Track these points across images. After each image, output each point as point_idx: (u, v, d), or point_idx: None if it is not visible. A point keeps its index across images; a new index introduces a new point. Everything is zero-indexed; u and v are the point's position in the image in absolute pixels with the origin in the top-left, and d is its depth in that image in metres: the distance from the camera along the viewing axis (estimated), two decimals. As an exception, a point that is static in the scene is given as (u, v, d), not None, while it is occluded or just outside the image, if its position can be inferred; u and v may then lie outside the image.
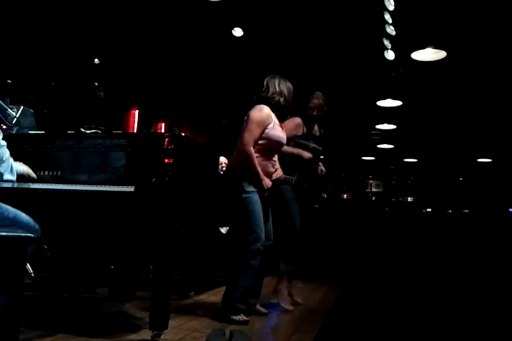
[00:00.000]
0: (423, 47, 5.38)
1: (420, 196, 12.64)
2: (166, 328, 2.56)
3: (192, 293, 4.12)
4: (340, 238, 8.55)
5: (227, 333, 2.67)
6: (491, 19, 4.96)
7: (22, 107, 2.92)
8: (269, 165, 3.36)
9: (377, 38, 5.38)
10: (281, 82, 3.44)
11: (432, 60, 5.57)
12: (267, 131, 3.28)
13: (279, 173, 3.54)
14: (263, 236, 3.20)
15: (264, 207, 3.32)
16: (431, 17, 5.03)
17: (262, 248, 3.19)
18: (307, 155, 3.86)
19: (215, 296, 4.18)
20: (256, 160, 3.24)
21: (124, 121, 7.56)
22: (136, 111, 7.59)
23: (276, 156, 3.45)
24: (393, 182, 13.06)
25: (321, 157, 4.37)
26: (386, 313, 3.89)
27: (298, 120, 3.97)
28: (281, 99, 3.37)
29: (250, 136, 3.24)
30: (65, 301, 3.12)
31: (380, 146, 10.43)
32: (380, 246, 8.31)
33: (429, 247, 8.33)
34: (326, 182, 12.61)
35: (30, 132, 2.83)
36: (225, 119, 7.99)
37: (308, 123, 4.01)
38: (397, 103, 6.96)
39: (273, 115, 3.35)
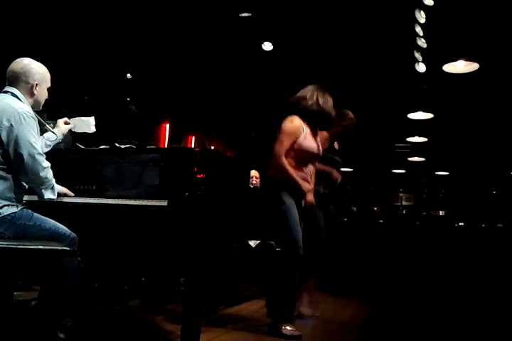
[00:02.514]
0: (455, 60, 5.32)
1: (452, 210, 12.40)
2: (197, 342, 2.57)
3: (222, 306, 4.12)
4: (370, 251, 8.44)
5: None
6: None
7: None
8: (306, 176, 3.34)
9: (408, 50, 5.35)
10: (316, 89, 3.42)
11: (464, 72, 5.50)
12: (298, 141, 3.26)
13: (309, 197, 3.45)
14: (301, 246, 3.18)
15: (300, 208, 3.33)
16: (462, 29, 4.98)
17: (301, 255, 3.17)
18: (336, 175, 4.05)
19: (244, 310, 4.18)
20: (290, 169, 3.23)
21: (155, 134, 7.69)
22: (167, 125, 7.72)
23: (312, 169, 3.42)
24: (424, 195, 12.86)
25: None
26: (417, 329, 3.82)
27: (326, 134, 4.06)
28: (309, 104, 3.32)
29: (281, 147, 3.24)
30: (98, 313, 3.15)
31: (410, 159, 10.29)
32: (411, 261, 8.17)
33: (460, 262, 8.15)
34: (355, 195, 12.51)
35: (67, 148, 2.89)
36: (254, 132, 8.04)
37: (332, 137, 4.17)
38: (429, 115, 6.87)
39: (304, 125, 3.33)
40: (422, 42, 5.07)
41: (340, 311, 4.31)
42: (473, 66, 5.40)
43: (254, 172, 4.67)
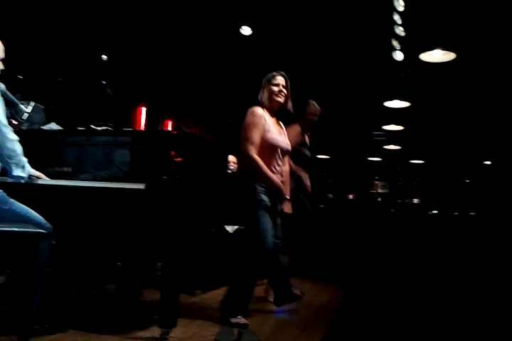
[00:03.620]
0: (432, 49, 5.36)
1: (426, 198, 12.61)
2: (175, 326, 2.58)
3: (199, 291, 4.13)
4: (345, 238, 8.55)
5: (236, 332, 2.67)
6: (500, 21, 4.94)
7: (33, 103, 2.92)
8: (275, 172, 3.13)
9: (386, 38, 5.37)
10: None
11: (441, 61, 5.55)
12: (264, 133, 3.04)
13: (286, 209, 3.44)
14: (271, 244, 3.02)
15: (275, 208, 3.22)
16: (440, 18, 5.02)
17: (268, 249, 3.03)
18: (307, 183, 4.08)
19: (220, 295, 4.17)
20: (265, 168, 3.01)
21: (131, 118, 7.57)
22: (144, 109, 7.61)
23: (282, 164, 3.21)
24: (399, 183, 13.04)
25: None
26: (391, 313, 3.89)
27: (299, 128, 4.02)
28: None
29: (250, 143, 2.98)
30: (74, 297, 3.14)
31: (386, 147, 10.41)
32: (385, 247, 8.31)
33: (434, 249, 8.32)
34: (331, 182, 12.62)
35: (41, 127, 2.84)
36: (231, 118, 8.02)
37: (303, 130, 4.11)
38: (405, 104, 6.93)
39: (267, 114, 3.12)
40: (399, 31, 5.10)
41: (317, 296, 4.36)
42: (450, 55, 5.46)
43: (231, 158, 4.67)
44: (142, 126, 7.64)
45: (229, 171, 4.13)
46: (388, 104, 6.98)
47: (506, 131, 8.49)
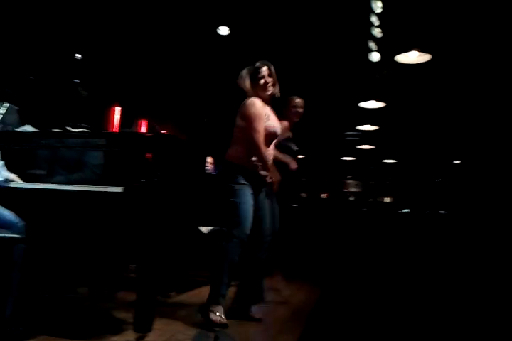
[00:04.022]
0: (408, 50, 5.41)
1: (397, 197, 12.77)
2: (150, 330, 2.53)
3: (173, 292, 4.08)
4: (319, 237, 8.59)
5: (212, 336, 2.64)
6: (475, 24, 5.02)
7: (7, 104, 2.83)
8: (268, 156, 3.29)
9: (362, 39, 5.40)
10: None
11: (417, 62, 5.60)
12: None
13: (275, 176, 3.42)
14: (248, 231, 3.08)
15: (264, 201, 3.29)
16: (417, 20, 5.07)
17: (245, 240, 3.08)
18: (293, 165, 4.01)
19: (196, 297, 4.15)
20: (267, 160, 3.19)
21: (105, 118, 7.44)
22: (118, 109, 7.49)
23: (272, 148, 3.37)
24: (372, 182, 13.18)
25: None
26: (366, 312, 3.92)
27: (286, 123, 4.04)
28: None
29: (258, 135, 3.14)
30: (47, 301, 3.06)
31: (360, 147, 10.50)
32: (358, 246, 8.38)
33: (405, 246, 8.42)
34: (305, 181, 12.66)
35: (16, 130, 2.75)
36: (206, 118, 7.96)
37: (291, 126, 4.14)
38: (381, 104, 6.99)
39: (264, 104, 3.28)
40: (376, 32, 5.12)
41: (292, 296, 4.36)
42: (425, 57, 5.50)
43: (209, 159, 4.63)
44: (116, 127, 7.52)
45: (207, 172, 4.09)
46: (363, 104, 7.03)
47: (476, 131, 8.66)
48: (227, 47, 6.19)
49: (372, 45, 5.40)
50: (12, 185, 2.43)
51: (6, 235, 2.00)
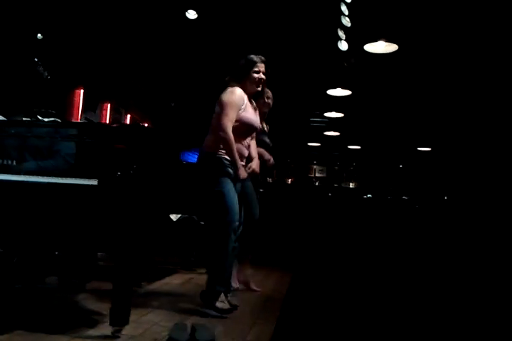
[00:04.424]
0: (376, 40, 5.46)
1: (361, 182, 12.99)
2: (127, 323, 2.52)
3: (145, 282, 4.06)
4: (286, 223, 8.67)
5: (189, 327, 2.65)
6: (442, 16, 5.10)
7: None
8: (243, 148, 3.31)
9: (332, 28, 5.41)
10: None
11: (384, 52, 5.67)
12: (239, 112, 3.22)
13: (254, 165, 3.49)
14: (237, 217, 3.17)
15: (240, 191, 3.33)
16: (385, 11, 5.11)
17: (236, 226, 3.17)
18: (267, 156, 4.13)
19: (167, 285, 4.16)
20: (235, 147, 3.16)
21: (68, 101, 7.28)
22: (81, 91, 7.33)
23: (250, 141, 3.41)
24: (336, 167, 13.35)
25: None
26: (337, 297, 4.02)
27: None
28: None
29: (227, 120, 3.14)
30: (18, 293, 3.00)
31: (326, 133, 10.60)
32: (323, 230, 8.50)
33: (369, 231, 8.60)
34: (271, 166, 12.70)
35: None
36: (174, 102, 7.88)
37: (262, 118, 4.03)
38: (347, 92, 7.06)
39: (245, 96, 3.29)
40: (346, 21, 5.14)
41: (263, 283, 4.41)
42: (392, 47, 5.58)
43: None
44: (80, 110, 7.31)
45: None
46: (331, 92, 7.08)
47: (439, 119, 8.86)
48: (195, 30, 6.10)
49: (341, 33, 5.42)
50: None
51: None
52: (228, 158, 3.19)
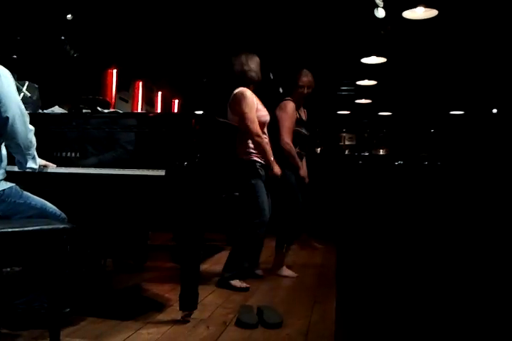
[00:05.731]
0: (415, 6, 5.28)
1: (392, 149, 12.81)
2: (196, 308, 2.57)
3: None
4: (318, 194, 8.63)
5: (255, 309, 2.70)
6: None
7: (27, 82, 2.73)
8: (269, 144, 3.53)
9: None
10: (249, 57, 3.50)
11: (423, 18, 5.49)
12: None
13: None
14: (268, 215, 3.42)
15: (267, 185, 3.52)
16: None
17: (266, 221, 3.41)
18: (303, 173, 4.02)
19: (218, 265, 4.20)
20: (268, 148, 3.41)
21: (101, 81, 7.29)
22: (115, 71, 7.33)
23: (267, 136, 3.54)
24: (366, 135, 13.16)
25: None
26: (388, 267, 4.05)
27: (292, 104, 3.84)
28: (254, 75, 3.48)
29: (255, 125, 3.33)
30: (82, 278, 3.05)
31: (357, 101, 10.44)
32: (357, 201, 8.44)
33: (402, 200, 8.51)
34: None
35: (45, 111, 2.67)
36: (206, 78, 7.80)
37: (297, 104, 3.90)
38: (382, 60, 6.89)
39: (254, 95, 3.44)
40: (384, -12, 4.98)
41: (312, 260, 4.45)
42: (431, 12, 5.39)
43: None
44: (114, 89, 7.32)
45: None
46: (365, 60, 6.92)
47: (472, 82, 8.64)
48: (227, 7, 5.96)
49: (378, 1, 5.25)
50: (49, 170, 2.39)
51: (60, 226, 2.00)
52: (259, 160, 3.42)
